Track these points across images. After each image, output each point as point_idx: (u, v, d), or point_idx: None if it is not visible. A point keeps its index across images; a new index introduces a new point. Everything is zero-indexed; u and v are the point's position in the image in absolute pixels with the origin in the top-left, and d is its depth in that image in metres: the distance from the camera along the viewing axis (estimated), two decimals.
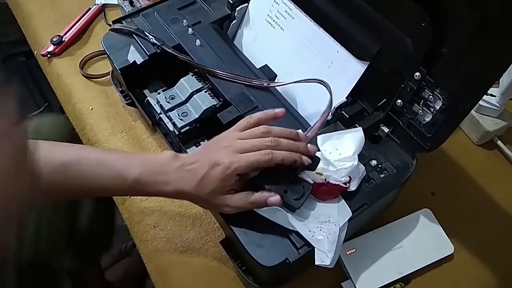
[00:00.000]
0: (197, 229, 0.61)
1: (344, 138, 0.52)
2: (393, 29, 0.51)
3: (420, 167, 0.54)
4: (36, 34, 0.87)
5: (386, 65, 0.53)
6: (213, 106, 0.59)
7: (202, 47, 0.64)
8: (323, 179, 0.48)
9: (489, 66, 0.45)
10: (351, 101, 0.57)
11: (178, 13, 0.68)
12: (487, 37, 0.43)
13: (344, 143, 0.52)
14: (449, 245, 0.60)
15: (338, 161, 0.50)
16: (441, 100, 0.50)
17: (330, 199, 0.49)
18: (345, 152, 0.51)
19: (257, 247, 0.47)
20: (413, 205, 0.63)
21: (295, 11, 0.62)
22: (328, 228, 0.47)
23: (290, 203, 0.47)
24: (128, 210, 0.64)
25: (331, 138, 0.52)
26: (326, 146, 0.52)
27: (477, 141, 0.73)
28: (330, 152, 0.51)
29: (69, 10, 0.88)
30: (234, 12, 0.67)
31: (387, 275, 0.57)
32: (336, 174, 0.48)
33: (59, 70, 0.80)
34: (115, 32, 0.66)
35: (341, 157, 0.50)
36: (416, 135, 0.54)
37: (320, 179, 0.48)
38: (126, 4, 0.79)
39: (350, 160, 0.50)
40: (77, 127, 0.74)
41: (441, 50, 0.48)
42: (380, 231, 0.60)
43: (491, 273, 0.60)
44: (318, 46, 0.60)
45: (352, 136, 0.52)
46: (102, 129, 0.71)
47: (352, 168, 0.49)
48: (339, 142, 0.52)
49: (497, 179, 0.69)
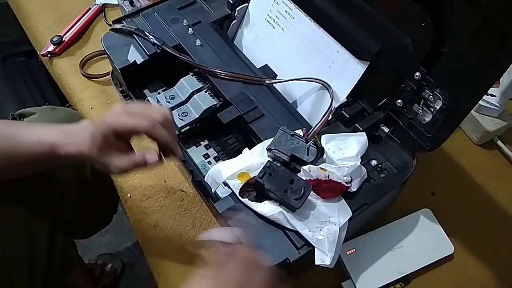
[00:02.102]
0: (197, 229, 0.61)
1: (348, 140, 0.53)
2: (393, 29, 0.51)
3: (420, 167, 0.54)
4: (36, 34, 0.87)
5: (386, 65, 0.53)
6: (213, 106, 0.59)
7: (202, 47, 0.64)
8: (326, 176, 0.48)
9: (489, 66, 0.45)
10: (351, 101, 0.57)
11: (178, 13, 0.68)
12: (487, 37, 0.43)
13: (348, 144, 0.52)
14: (449, 245, 0.60)
15: (341, 160, 0.50)
16: (441, 100, 0.50)
17: (331, 197, 0.49)
18: (349, 152, 0.51)
19: (257, 247, 0.47)
20: (413, 205, 0.63)
21: (295, 11, 0.62)
22: (328, 228, 0.47)
23: (290, 203, 0.47)
24: (130, 210, 0.64)
25: (335, 139, 0.53)
26: (330, 145, 0.52)
27: (477, 141, 0.73)
28: (334, 151, 0.52)
29: (69, 10, 0.88)
30: (234, 12, 0.67)
31: (387, 275, 0.57)
32: (338, 172, 0.48)
33: (59, 70, 0.80)
34: (115, 32, 0.66)
35: (344, 157, 0.51)
36: (416, 135, 0.54)
37: (323, 175, 0.48)
38: (126, 4, 0.80)
39: (353, 160, 0.50)
40: None
41: (441, 50, 0.48)
42: (380, 231, 0.60)
43: (491, 273, 0.60)
44: (318, 46, 0.60)
45: (356, 138, 0.53)
46: None
47: (354, 168, 0.49)
48: (343, 142, 0.52)
49: (497, 179, 0.69)
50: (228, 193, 0.51)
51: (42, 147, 0.50)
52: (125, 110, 0.48)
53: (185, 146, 0.61)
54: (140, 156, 0.49)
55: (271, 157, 0.51)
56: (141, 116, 0.47)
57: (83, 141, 0.49)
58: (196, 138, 0.63)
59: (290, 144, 0.50)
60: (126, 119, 0.47)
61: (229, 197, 0.50)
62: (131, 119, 0.47)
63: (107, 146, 0.48)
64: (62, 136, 0.50)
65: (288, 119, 0.57)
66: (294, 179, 0.48)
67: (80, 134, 0.49)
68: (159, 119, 0.47)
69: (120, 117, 0.47)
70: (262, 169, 0.48)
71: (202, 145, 0.63)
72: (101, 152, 0.48)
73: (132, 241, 1.21)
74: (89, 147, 0.48)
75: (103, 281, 1.09)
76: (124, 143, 0.49)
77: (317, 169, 0.48)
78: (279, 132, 0.51)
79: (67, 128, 0.51)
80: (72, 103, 0.78)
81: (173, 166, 0.67)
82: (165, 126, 0.48)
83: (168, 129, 0.48)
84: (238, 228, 0.45)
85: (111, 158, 0.48)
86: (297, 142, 0.51)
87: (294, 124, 0.56)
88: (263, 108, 0.57)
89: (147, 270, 0.62)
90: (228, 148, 0.63)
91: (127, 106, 0.49)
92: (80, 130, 0.50)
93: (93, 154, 0.48)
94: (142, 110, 0.48)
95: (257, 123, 0.56)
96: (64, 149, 0.49)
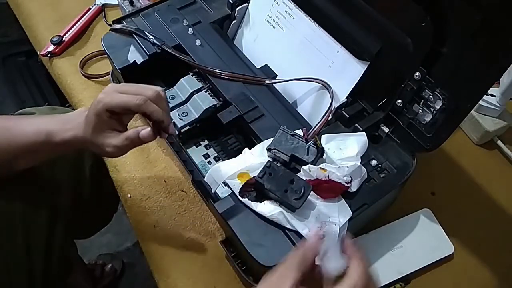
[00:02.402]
0: (197, 229, 0.61)
1: (348, 140, 0.53)
2: (393, 29, 0.51)
3: (420, 167, 0.54)
4: (36, 34, 0.87)
5: (386, 65, 0.53)
6: (213, 106, 0.59)
7: (202, 47, 0.64)
8: (326, 176, 0.48)
9: (489, 66, 0.45)
10: (351, 101, 0.58)
11: (178, 13, 0.68)
12: (487, 37, 0.43)
13: (348, 144, 0.52)
14: (449, 245, 0.60)
15: (341, 160, 0.50)
16: (441, 100, 0.50)
17: (331, 197, 0.49)
18: (349, 152, 0.51)
19: (257, 247, 0.47)
20: (413, 205, 0.63)
21: (295, 11, 0.62)
22: (328, 227, 0.47)
23: (290, 203, 0.47)
24: (130, 210, 0.64)
25: (335, 139, 0.53)
26: (330, 145, 0.52)
27: (477, 141, 0.73)
28: (334, 151, 0.52)
29: (69, 10, 0.88)
30: (234, 12, 0.67)
31: (387, 275, 0.57)
32: (338, 172, 0.48)
33: (59, 70, 0.80)
34: (115, 32, 0.66)
35: (344, 157, 0.51)
36: (416, 135, 0.54)
37: (323, 175, 0.48)
38: (126, 4, 0.79)
39: (353, 160, 0.50)
40: None
41: (441, 50, 0.48)
42: (380, 231, 0.60)
43: (491, 273, 0.60)
44: (318, 46, 0.60)
45: (356, 138, 0.53)
46: None
47: (354, 168, 0.49)
48: (343, 142, 0.52)
49: (497, 179, 0.69)
50: (228, 193, 0.51)
51: (39, 136, 0.50)
52: (117, 88, 0.48)
53: (185, 146, 0.61)
54: (134, 132, 0.49)
55: (271, 157, 0.51)
56: (133, 93, 0.48)
57: (77, 125, 0.50)
58: (196, 138, 0.63)
59: (290, 144, 0.50)
60: (118, 96, 0.47)
61: (229, 197, 0.50)
62: (123, 96, 0.47)
63: (101, 126, 0.48)
64: (57, 123, 0.51)
65: (288, 119, 0.57)
66: (294, 179, 0.48)
67: (75, 120, 0.50)
68: (151, 95, 0.48)
69: (112, 95, 0.47)
70: (262, 169, 0.48)
71: (202, 145, 0.63)
72: (95, 132, 0.49)
73: (132, 241, 1.22)
74: (83, 129, 0.49)
75: (103, 281, 1.09)
76: (117, 122, 0.49)
77: (317, 169, 0.48)
78: (279, 132, 0.51)
79: (62, 116, 0.52)
80: (72, 103, 0.78)
81: (173, 166, 0.67)
82: (157, 102, 0.48)
83: (160, 106, 0.48)
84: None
85: (106, 138, 0.49)
86: (297, 142, 0.51)
87: (294, 124, 0.56)
88: (263, 108, 0.57)
89: (147, 270, 0.62)
90: (228, 148, 0.63)
91: (120, 85, 0.50)
92: (75, 115, 0.51)
93: (88, 135, 0.49)
94: (133, 88, 0.49)
95: (257, 123, 0.56)
96: (59, 136, 0.50)
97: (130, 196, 0.64)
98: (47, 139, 0.50)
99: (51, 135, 0.50)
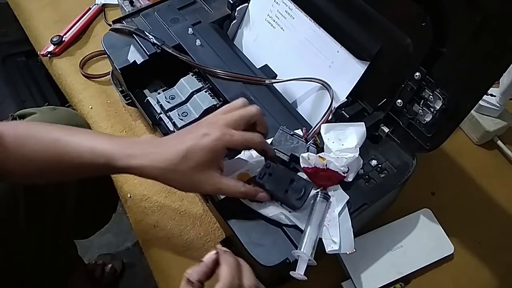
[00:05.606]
0: (197, 229, 0.61)
1: (348, 130, 0.52)
2: (393, 29, 0.51)
3: (420, 167, 0.54)
4: (36, 34, 0.87)
5: (386, 65, 0.53)
6: (213, 106, 0.59)
7: (202, 47, 0.64)
8: (324, 164, 0.48)
9: (489, 66, 0.45)
10: (351, 101, 0.57)
11: (178, 13, 0.68)
12: (487, 37, 0.43)
13: (347, 134, 0.52)
14: (449, 245, 0.60)
15: (340, 151, 0.50)
16: (441, 100, 0.50)
17: (328, 185, 0.49)
18: (348, 143, 0.51)
19: (257, 247, 0.47)
20: (413, 205, 0.63)
21: (295, 11, 0.62)
22: (328, 216, 0.48)
23: (292, 203, 0.47)
24: (130, 210, 0.64)
25: (334, 128, 0.53)
26: (329, 135, 0.52)
27: (477, 141, 0.73)
28: (333, 141, 0.51)
29: (69, 10, 0.88)
30: (234, 12, 0.67)
31: (387, 275, 0.57)
32: (337, 162, 0.48)
33: (59, 70, 0.80)
34: (115, 32, 0.66)
35: (343, 148, 0.51)
36: (416, 135, 0.54)
37: (322, 164, 0.48)
38: (126, 4, 0.80)
39: (352, 152, 0.50)
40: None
41: (441, 50, 0.48)
42: (380, 231, 0.60)
43: (491, 273, 0.60)
44: (318, 46, 0.60)
45: (355, 129, 0.52)
46: (102, 128, 0.71)
47: (352, 159, 0.49)
48: (342, 132, 0.52)
49: (497, 179, 0.69)
50: None
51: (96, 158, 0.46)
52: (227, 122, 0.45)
53: None
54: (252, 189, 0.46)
55: None
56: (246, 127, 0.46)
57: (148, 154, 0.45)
58: None
59: (290, 144, 0.50)
60: (239, 134, 0.45)
61: (229, 197, 0.50)
62: (245, 134, 0.45)
63: (212, 163, 0.44)
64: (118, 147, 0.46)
65: (288, 119, 0.57)
66: (294, 178, 0.48)
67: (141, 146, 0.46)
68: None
69: (230, 132, 0.44)
70: (261, 170, 0.48)
71: None
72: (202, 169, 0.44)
73: (132, 241, 1.22)
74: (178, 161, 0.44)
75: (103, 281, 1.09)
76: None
77: (316, 158, 0.48)
78: (279, 132, 0.51)
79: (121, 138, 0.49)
80: (72, 103, 0.78)
81: None
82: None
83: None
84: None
85: (213, 176, 0.44)
86: (297, 142, 0.51)
87: (294, 124, 0.56)
88: (263, 108, 0.57)
89: (147, 270, 0.62)
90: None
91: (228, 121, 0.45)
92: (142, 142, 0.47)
93: (184, 168, 0.44)
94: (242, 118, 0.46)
95: None
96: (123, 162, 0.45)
97: (130, 196, 0.64)
98: (107, 163, 0.45)
99: (112, 159, 0.45)
